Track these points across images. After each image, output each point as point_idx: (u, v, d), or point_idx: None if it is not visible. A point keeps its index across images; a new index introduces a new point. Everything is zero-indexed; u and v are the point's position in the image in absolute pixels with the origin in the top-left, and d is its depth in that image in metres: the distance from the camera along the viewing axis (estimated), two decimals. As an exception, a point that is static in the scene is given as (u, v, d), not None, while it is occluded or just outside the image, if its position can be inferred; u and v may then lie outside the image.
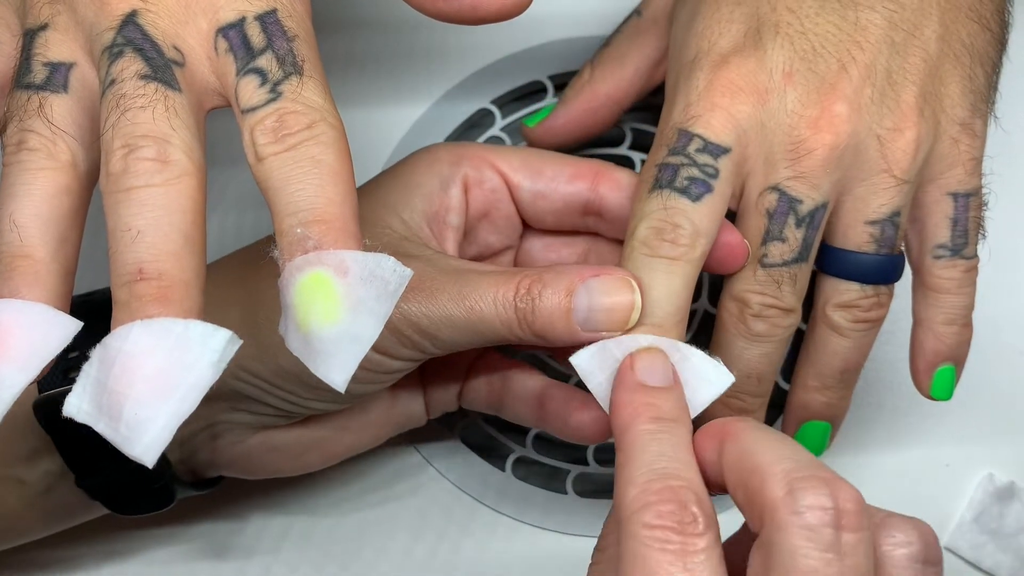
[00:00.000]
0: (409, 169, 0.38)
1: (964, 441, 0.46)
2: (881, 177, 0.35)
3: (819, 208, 0.35)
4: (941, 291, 0.37)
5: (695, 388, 0.32)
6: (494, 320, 0.34)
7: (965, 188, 0.37)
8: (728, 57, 0.36)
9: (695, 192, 0.34)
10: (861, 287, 0.36)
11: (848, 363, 0.38)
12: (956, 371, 0.39)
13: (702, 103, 0.35)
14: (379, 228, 0.37)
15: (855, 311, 0.37)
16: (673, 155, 0.35)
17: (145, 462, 0.24)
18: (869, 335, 0.37)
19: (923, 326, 0.38)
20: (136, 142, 0.26)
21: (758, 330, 0.36)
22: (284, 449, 0.39)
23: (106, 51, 0.27)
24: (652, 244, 0.34)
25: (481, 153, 0.38)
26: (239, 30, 0.27)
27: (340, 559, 0.44)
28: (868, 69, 0.35)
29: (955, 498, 0.45)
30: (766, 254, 0.35)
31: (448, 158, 0.38)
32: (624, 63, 0.44)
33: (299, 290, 0.25)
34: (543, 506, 0.45)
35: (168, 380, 0.24)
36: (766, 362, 0.36)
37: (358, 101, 0.49)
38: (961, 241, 0.37)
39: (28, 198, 0.26)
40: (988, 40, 0.37)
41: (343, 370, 0.25)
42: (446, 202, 0.38)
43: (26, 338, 0.25)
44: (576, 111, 0.45)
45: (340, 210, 0.26)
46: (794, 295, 0.35)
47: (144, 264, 0.25)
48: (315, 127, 0.26)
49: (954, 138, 0.36)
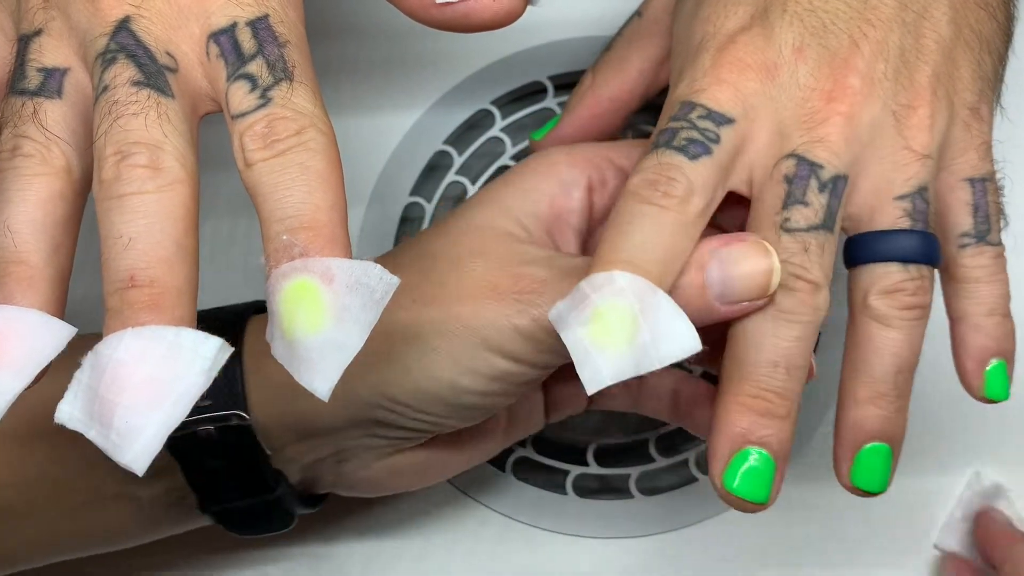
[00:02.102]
0: (528, 175, 0.38)
1: (956, 440, 0.45)
2: (902, 153, 0.34)
3: (840, 177, 0.33)
4: (973, 281, 0.35)
5: (658, 341, 0.29)
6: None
7: (980, 173, 0.35)
8: (735, 37, 0.35)
9: (692, 151, 0.32)
10: (904, 268, 0.33)
11: (901, 361, 0.33)
12: (1007, 367, 0.36)
13: (707, 78, 0.34)
14: (499, 239, 0.36)
15: (900, 296, 0.33)
16: (674, 121, 0.33)
17: (135, 470, 0.24)
18: (918, 326, 0.34)
19: (963, 322, 0.35)
20: (128, 149, 0.26)
21: (786, 306, 0.32)
22: (407, 471, 0.39)
23: (99, 57, 0.27)
24: (643, 193, 0.32)
25: (603, 153, 0.38)
26: (230, 35, 0.27)
27: (336, 557, 0.44)
28: (880, 45, 0.34)
29: (946, 496, 0.45)
30: (788, 218, 0.32)
31: (567, 160, 0.38)
32: (626, 65, 0.43)
33: (284, 297, 0.25)
34: (543, 506, 0.45)
35: (159, 388, 0.24)
36: (796, 349, 0.32)
37: (354, 107, 0.49)
38: (984, 227, 0.35)
39: (22, 204, 0.27)
40: (995, 29, 0.36)
41: (326, 379, 0.25)
42: (569, 204, 0.37)
43: (20, 344, 0.25)
44: (581, 118, 0.44)
45: (328, 217, 0.26)
46: (822, 269, 0.32)
47: (136, 271, 0.25)
48: (304, 133, 0.26)
49: (966, 122, 0.35)
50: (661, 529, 0.45)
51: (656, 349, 0.29)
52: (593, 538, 0.44)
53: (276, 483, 0.38)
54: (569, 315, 0.30)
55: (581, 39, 0.50)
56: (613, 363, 0.29)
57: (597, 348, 0.29)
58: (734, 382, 0.32)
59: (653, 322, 0.29)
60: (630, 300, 0.30)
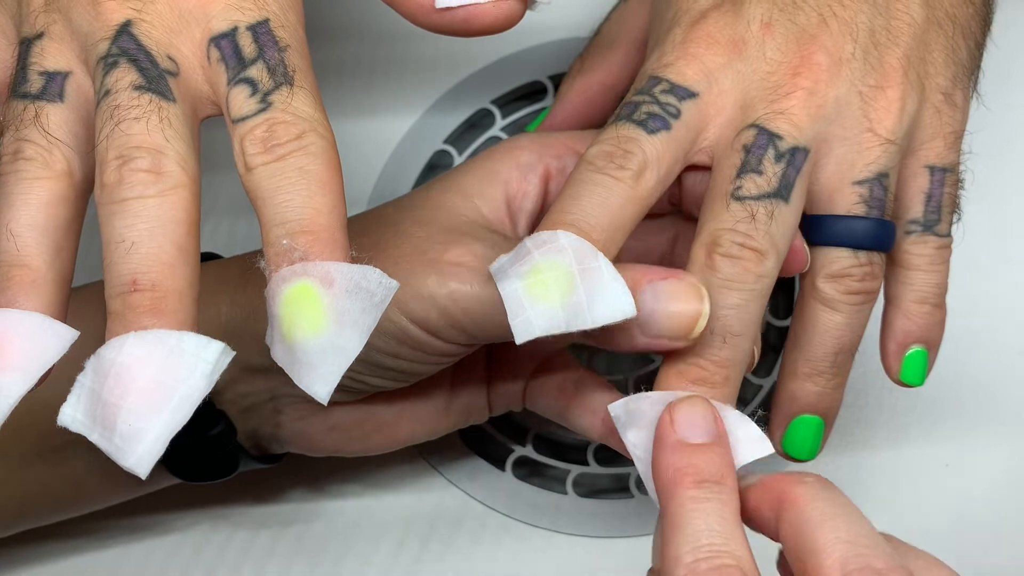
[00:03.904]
0: (486, 157, 0.38)
1: (963, 441, 0.46)
2: (865, 136, 0.34)
3: (799, 149, 0.33)
4: (911, 268, 0.36)
5: (593, 301, 0.30)
6: None
7: (943, 162, 0.36)
8: (707, 13, 0.35)
9: (651, 126, 0.33)
10: (853, 254, 0.34)
11: (842, 343, 0.35)
12: (929, 355, 0.37)
13: (675, 53, 0.35)
14: (446, 212, 0.36)
15: (847, 281, 0.34)
16: (637, 95, 0.34)
17: (138, 473, 0.24)
18: (863, 311, 0.35)
19: (893, 305, 0.36)
20: (130, 153, 0.26)
21: (727, 273, 0.32)
22: (345, 429, 0.39)
23: (101, 61, 0.27)
24: (598, 163, 0.33)
25: (565, 142, 0.38)
26: (231, 40, 0.28)
27: (333, 555, 0.44)
28: (848, 25, 0.34)
29: (955, 498, 0.45)
30: (740, 186, 0.33)
31: (529, 146, 0.38)
32: (613, 47, 0.43)
33: (285, 301, 0.25)
34: (543, 506, 0.45)
35: (161, 392, 0.24)
36: (735, 317, 0.32)
37: (354, 107, 0.49)
38: (933, 217, 0.36)
39: (24, 207, 0.27)
40: (971, 14, 0.37)
41: (326, 382, 0.25)
42: (524, 188, 0.37)
43: (24, 347, 0.26)
44: (572, 104, 0.44)
45: (327, 221, 0.26)
46: (768, 236, 0.32)
47: (138, 275, 0.25)
48: (304, 137, 0.26)
49: (937, 107, 0.35)
50: (661, 528, 0.45)
51: (590, 310, 0.30)
52: (593, 538, 0.45)
53: (217, 421, 0.38)
54: (510, 268, 0.31)
55: (581, 39, 0.50)
56: (545, 317, 0.30)
57: (531, 301, 0.30)
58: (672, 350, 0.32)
59: (590, 283, 0.30)
60: (569, 259, 0.30)
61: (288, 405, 0.38)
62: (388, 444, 0.40)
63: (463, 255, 0.34)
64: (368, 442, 0.40)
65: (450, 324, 0.34)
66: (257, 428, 0.39)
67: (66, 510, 0.41)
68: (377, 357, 0.35)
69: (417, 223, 0.36)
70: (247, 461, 0.40)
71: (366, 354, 0.33)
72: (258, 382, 0.37)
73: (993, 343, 0.46)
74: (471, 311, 0.33)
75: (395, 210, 0.37)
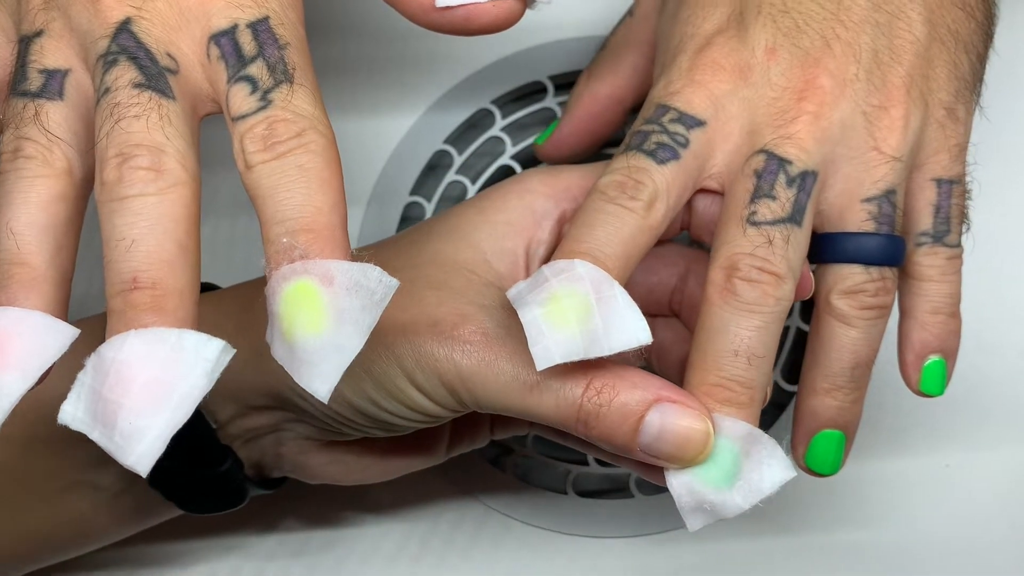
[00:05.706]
0: (498, 204, 0.37)
1: (965, 442, 0.46)
2: (871, 155, 0.35)
3: (809, 173, 0.34)
4: (924, 279, 0.36)
5: (609, 329, 0.30)
6: (551, 410, 0.32)
7: (949, 175, 0.36)
8: (712, 38, 0.36)
9: (661, 156, 0.34)
10: (865, 270, 0.35)
11: (858, 357, 0.35)
12: (947, 365, 0.37)
13: (682, 80, 0.35)
14: (459, 275, 0.35)
15: (861, 296, 0.35)
16: (647, 124, 0.34)
17: (139, 471, 0.24)
18: (878, 325, 0.36)
19: (909, 316, 0.37)
20: (130, 151, 0.26)
21: (747, 297, 0.33)
22: (345, 463, 0.39)
23: (100, 59, 0.27)
24: (610, 194, 0.33)
25: (579, 182, 0.37)
26: (231, 37, 0.28)
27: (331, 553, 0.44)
28: (851, 47, 0.35)
29: (955, 499, 0.45)
30: (755, 211, 0.33)
31: (543, 191, 0.37)
32: (620, 62, 0.44)
33: (284, 299, 0.25)
34: (543, 506, 0.45)
35: (162, 390, 0.24)
36: (758, 340, 0.33)
37: (354, 106, 0.49)
38: (943, 228, 0.36)
39: (24, 206, 0.27)
40: (973, 29, 0.37)
41: (326, 380, 0.25)
42: (539, 235, 0.37)
43: (24, 346, 0.26)
44: (580, 118, 0.45)
45: (328, 219, 0.26)
46: (786, 261, 0.33)
47: (138, 273, 0.25)
48: (304, 135, 0.26)
49: (940, 122, 0.36)
50: (661, 529, 0.45)
51: (607, 337, 0.30)
52: (593, 538, 0.45)
53: (224, 457, 0.38)
54: (527, 295, 0.31)
55: (581, 39, 0.50)
56: (564, 344, 0.30)
57: (550, 328, 0.30)
58: (697, 371, 0.33)
59: (607, 311, 0.30)
60: (587, 288, 0.31)
61: (290, 440, 0.38)
62: (388, 474, 0.40)
63: (473, 334, 0.33)
64: (367, 472, 0.40)
65: (451, 394, 0.34)
66: (260, 458, 0.39)
67: (66, 550, 0.41)
68: (382, 415, 0.35)
69: (430, 287, 0.35)
70: (251, 487, 0.40)
71: (367, 410, 0.34)
72: (261, 418, 0.37)
73: (995, 344, 0.46)
74: (474, 388, 0.33)
75: (406, 263, 0.36)
